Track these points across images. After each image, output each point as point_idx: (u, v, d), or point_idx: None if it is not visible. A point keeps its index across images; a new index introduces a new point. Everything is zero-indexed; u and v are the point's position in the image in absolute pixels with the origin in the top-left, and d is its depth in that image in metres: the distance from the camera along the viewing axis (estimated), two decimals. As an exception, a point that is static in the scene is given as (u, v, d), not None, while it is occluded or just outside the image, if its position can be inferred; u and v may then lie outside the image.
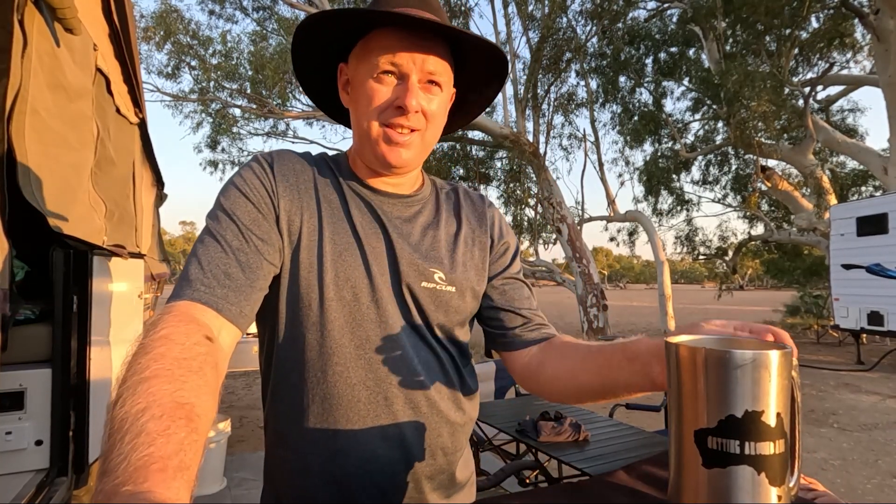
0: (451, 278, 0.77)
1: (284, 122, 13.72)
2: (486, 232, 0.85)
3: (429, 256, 0.77)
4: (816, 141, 10.78)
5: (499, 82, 0.82)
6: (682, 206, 15.23)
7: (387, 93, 0.69)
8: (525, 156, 10.66)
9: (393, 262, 0.74)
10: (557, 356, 0.78)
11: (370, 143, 0.72)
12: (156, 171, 3.74)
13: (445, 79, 0.72)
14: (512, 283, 0.85)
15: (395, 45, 0.68)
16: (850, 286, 8.21)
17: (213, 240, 0.66)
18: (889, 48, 8.57)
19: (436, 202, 0.84)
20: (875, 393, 6.22)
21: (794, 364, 0.43)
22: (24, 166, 1.15)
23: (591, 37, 11.72)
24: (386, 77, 0.69)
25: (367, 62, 0.70)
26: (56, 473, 1.51)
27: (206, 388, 0.49)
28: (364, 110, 0.71)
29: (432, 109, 0.71)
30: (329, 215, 0.74)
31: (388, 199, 0.78)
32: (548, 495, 0.57)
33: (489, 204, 0.89)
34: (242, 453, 3.84)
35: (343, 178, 0.77)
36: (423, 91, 0.70)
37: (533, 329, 0.82)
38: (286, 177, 0.74)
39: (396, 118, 0.70)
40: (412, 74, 0.69)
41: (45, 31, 1.24)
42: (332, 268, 0.71)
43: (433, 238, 0.79)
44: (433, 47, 0.69)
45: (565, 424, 2.53)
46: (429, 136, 0.74)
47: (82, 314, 1.62)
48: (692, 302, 29.95)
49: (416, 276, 0.75)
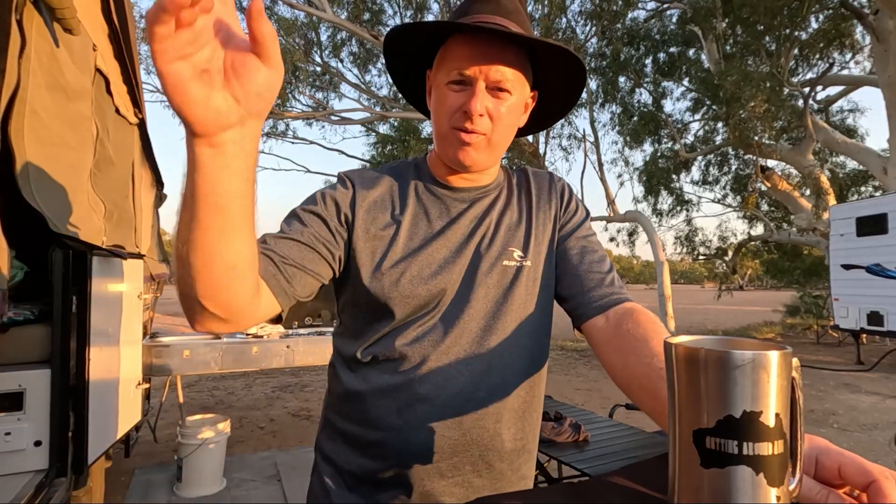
0: (528, 253, 0.83)
1: (284, 122, 13.73)
2: (553, 201, 0.88)
3: (506, 237, 0.83)
4: (816, 141, 10.78)
5: (579, 86, 0.82)
6: (681, 207, 15.23)
7: (456, 98, 0.74)
8: (525, 156, 10.67)
9: (473, 250, 0.80)
10: (616, 349, 0.72)
11: (443, 146, 0.79)
12: (155, 171, 3.74)
13: (515, 83, 0.75)
14: (583, 247, 0.85)
15: (464, 54, 0.73)
16: (850, 286, 8.21)
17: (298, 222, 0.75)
18: (888, 48, 8.58)
19: (508, 187, 0.89)
20: (875, 393, 6.22)
21: (796, 365, 0.43)
22: (23, 167, 1.15)
23: (590, 37, 11.74)
24: (456, 84, 0.74)
25: (442, 70, 0.76)
26: (55, 474, 1.51)
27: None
28: (438, 115, 0.77)
29: (500, 112, 0.75)
30: (408, 220, 0.80)
31: (466, 193, 0.84)
32: (547, 495, 0.57)
33: (557, 178, 0.92)
34: (242, 454, 3.84)
35: (422, 181, 0.85)
36: (490, 95, 0.74)
37: (601, 297, 0.78)
38: (366, 188, 0.81)
39: (463, 122, 0.74)
40: (478, 81, 0.73)
41: (44, 31, 1.23)
42: (405, 267, 0.77)
43: (508, 219, 0.84)
44: (501, 55, 0.73)
45: (565, 425, 2.53)
46: (496, 137, 0.77)
47: (81, 315, 1.62)
48: (692, 302, 29.94)
49: (497, 258, 0.81)
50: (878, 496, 0.41)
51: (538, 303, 0.82)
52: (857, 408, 5.54)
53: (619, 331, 0.73)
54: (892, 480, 0.42)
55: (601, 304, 0.78)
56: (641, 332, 0.70)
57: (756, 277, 63.36)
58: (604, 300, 0.78)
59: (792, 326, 12.96)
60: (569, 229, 0.87)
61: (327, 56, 13.22)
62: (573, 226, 0.87)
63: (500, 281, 0.80)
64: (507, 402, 0.78)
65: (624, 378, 0.69)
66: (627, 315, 0.74)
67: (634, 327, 0.71)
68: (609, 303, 0.78)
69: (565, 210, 0.88)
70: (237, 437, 4.27)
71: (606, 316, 0.77)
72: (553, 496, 0.56)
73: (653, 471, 0.56)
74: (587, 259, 0.83)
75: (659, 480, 0.51)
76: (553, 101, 0.87)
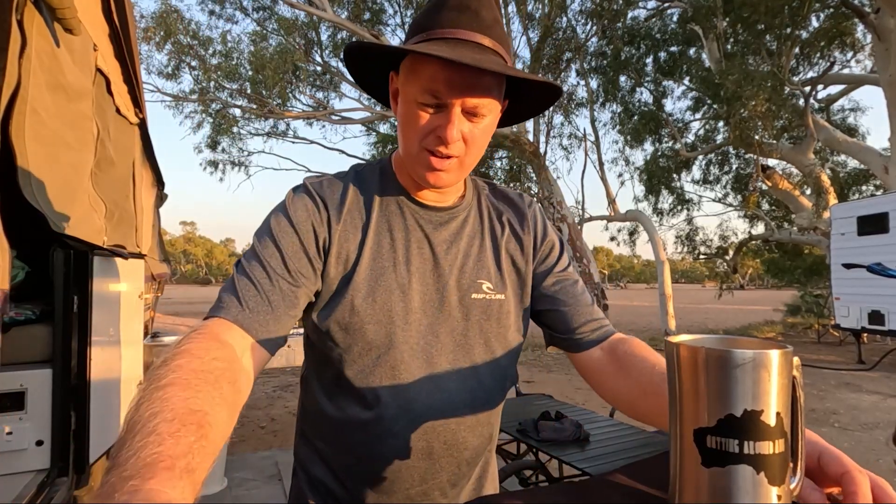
0: (499, 286, 0.79)
1: (285, 122, 13.74)
2: (530, 233, 0.85)
3: (476, 267, 0.79)
4: (817, 140, 10.77)
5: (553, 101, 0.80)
6: (682, 206, 15.24)
7: (429, 120, 0.70)
8: (525, 155, 10.66)
9: (439, 279, 0.77)
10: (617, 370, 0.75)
11: (412, 163, 0.74)
12: (156, 171, 3.74)
13: (491, 107, 0.71)
14: (563, 280, 0.84)
15: (440, 77, 0.67)
16: (851, 285, 8.20)
17: (258, 263, 0.69)
18: (889, 47, 8.56)
19: (478, 208, 0.85)
20: (876, 392, 6.21)
21: (797, 364, 0.43)
22: (23, 167, 1.15)
23: (591, 36, 11.73)
24: (428, 106, 0.69)
25: (413, 84, 0.70)
26: (57, 474, 1.51)
27: (221, 399, 0.49)
28: (408, 132, 0.72)
29: (474, 135, 0.71)
30: (372, 239, 0.76)
31: (434, 213, 0.80)
32: (548, 494, 0.57)
33: (529, 203, 0.89)
34: (243, 454, 3.84)
35: (389, 194, 0.79)
36: (466, 118, 0.70)
37: (593, 329, 0.80)
38: (336, 206, 0.76)
39: (437, 146, 0.70)
40: (454, 107, 0.68)
41: (44, 31, 1.23)
42: (370, 291, 0.73)
43: (479, 247, 0.81)
44: (479, 81, 0.67)
45: (566, 424, 2.53)
46: (469, 159, 0.74)
47: (83, 314, 1.62)
48: (693, 301, 29.92)
49: (466, 289, 0.77)
50: (850, 484, 0.44)
51: (509, 335, 0.80)
52: (857, 407, 5.54)
53: (615, 355, 0.77)
54: (865, 475, 0.45)
55: (594, 337, 0.80)
56: (639, 352, 0.75)
57: (757, 277, 63.36)
58: (596, 333, 0.80)
59: (793, 325, 12.94)
60: (549, 264, 0.85)
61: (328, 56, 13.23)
62: (553, 260, 0.85)
63: (469, 314, 0.77)
64: (477, 430, 0.79)
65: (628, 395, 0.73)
66: (620, 342, 0.78)
67: (630, 349, 0.76)
68: (602, 335, 0.80)
69: (541, 243, 0.85)
70: (238, 437, 4.28)
71: (601, 348, 0.80)
72: (554, 495, 0.56)
73: (653, 470, 0.56)
74: (572, 292, 0.83)
75: (660, 479, 0.51)
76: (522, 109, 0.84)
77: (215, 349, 0.56)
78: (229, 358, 0.56)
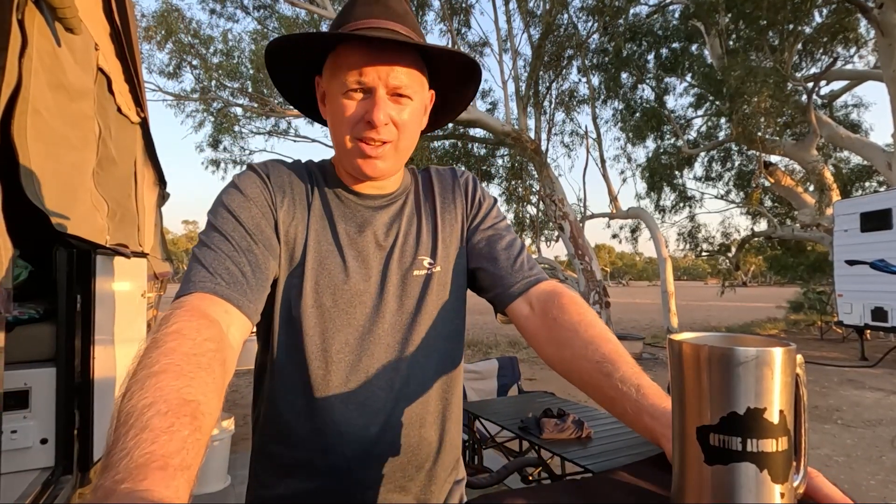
0: (437, 258, 0.81)
1: (286, 120, 13.72)
2: (458, 199, 0.87)
3: (415, 245, 0.81)
4: (820, 136, 10.72)
5: (475, 83, 0.82)
6: (684, 203, 15.20)
7: (356, 108, 0.71)
8: (527, 153, 10.64)
9: (380, 262, 0.78)
10: (549, 339, 0.74)
11: (346, 157, 0.75)
12: (158, 170, 3.75)
13: (415, 88, 0.73)
14: (489, 237, 0.84)
15: (359, 62, 0.69)
16: (854, 282, 8.18)
17: (221, 237, 0.69)
18: (893, 42, 8.51)
19: (415, 192, 0.86)
20: (879, 389, 6.20)
21: (800, 362, 0.42)
22: (25, 166, 1.15)
23: (592, 33, 11.68)
24: (354, 93, 0.71)
25: (336, 79, 0.72)
26: (61, 472, 1.52)
27: (213, 385, 0.50)
28: (337, 126, 0.73)
29: (403, 119, 0.73)
30: (315, 224, 0.77)
31: (373, 200, 0.81)
32: (550, 492, 0.57)
33: (460, 173, 0.90)
34: (246, 452, 3.85)
35: (329, 187, 0.81)
36: (392, 102, 0.72)
37: (515, 282, 0.80)
38: (281, 188, 0.77)
39: (367, 132, 0.71)
40: (378, 89, 0.70)
41: (45, 30, 1.23)
42: (313, 276, 0.74)
43: (418, 226, 0.82)
44: (397, 59, 0.70)
45: (568, 422, 2.53)
46: (402, 144, 0.75)
47: (86, 313, 1.62)
48: (695, 299, 29.88)
49: (407, 268, 0.79)
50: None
51: (450, 305, 0.81)
52: (860, 404, 5.53)
53: (546, 319, 0.75)
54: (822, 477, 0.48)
55: (517, 288, 0.79)
56: (568, 320, 0.72)
57: (759, 274, 63.22)
58: (519, 284, 0.79)
59: (795, 323, 12.92)
60: (476, 223, 0.86)
61: (329, 54, 13.17)
62: (480, 217, 0.86)
63: (411, 292, 0.78)
64: (429, 407, 0.78)
65: (563, 370, 0.72)
66: (551, 300, 0.76)
67: (560, 314, 0.73)
68: (526, 285, 0.79)
69: (471, 205, 0.87)
70: (241, 435, 4.28)
71: (530, 302, 0.78)
72: (556, 493, 0.56)
73: (656, 467, 0.56)
74: (497, 247, 0.83)
75: (663, 477, 0.51)
76: (449, 100, 0.86)
77: (205, 328, 0.55)
78: (219, 337, 0.56)
